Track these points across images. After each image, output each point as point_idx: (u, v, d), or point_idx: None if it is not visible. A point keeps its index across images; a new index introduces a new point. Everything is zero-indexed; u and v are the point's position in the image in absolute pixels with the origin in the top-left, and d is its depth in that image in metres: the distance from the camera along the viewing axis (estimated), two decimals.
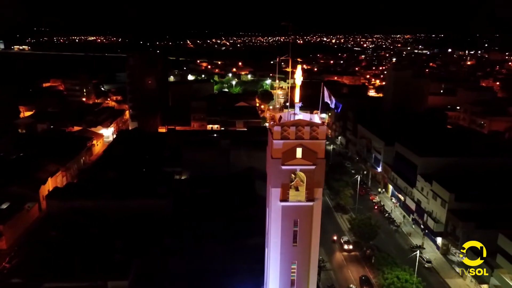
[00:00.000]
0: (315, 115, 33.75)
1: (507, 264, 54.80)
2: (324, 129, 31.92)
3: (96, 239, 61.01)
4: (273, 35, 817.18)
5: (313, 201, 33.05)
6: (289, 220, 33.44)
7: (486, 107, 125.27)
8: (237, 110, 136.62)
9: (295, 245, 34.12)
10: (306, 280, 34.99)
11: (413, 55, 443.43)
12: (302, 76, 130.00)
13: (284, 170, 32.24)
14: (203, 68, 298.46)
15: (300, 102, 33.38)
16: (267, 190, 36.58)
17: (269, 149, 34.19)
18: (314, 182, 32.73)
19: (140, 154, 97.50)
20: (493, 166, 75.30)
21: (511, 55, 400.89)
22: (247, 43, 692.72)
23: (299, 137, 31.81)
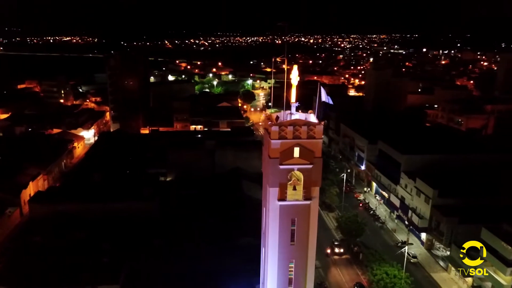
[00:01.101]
0: (310, 114, 34.13)
1: (490, 257, 56.47)
2: (320, 128, 32.32)
3: (83, 243, 59.91)
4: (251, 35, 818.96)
5: (310, 200, 33.42)
6: (287, 219, 33.70)
7: (463, 105, 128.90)
8: (220, 111, 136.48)
9: (293, 244, 34.42)
10: (304, 278, 35.34)
11: (390, 55, 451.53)
12: (283, 76, 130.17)
13: (282, 169, 32.47)
14: (182, 68, 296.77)
15: (296, 102, 33.62)
16: (263, 190, 36.72)
17: (266, 149, 34.34)
18: (311, 181, 33.09)
19: (123, 156, 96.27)
20: (473, 162, 77.42)
21: (483, 55, 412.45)
22: (226, 43, 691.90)
23: (296, 136, 32.09)
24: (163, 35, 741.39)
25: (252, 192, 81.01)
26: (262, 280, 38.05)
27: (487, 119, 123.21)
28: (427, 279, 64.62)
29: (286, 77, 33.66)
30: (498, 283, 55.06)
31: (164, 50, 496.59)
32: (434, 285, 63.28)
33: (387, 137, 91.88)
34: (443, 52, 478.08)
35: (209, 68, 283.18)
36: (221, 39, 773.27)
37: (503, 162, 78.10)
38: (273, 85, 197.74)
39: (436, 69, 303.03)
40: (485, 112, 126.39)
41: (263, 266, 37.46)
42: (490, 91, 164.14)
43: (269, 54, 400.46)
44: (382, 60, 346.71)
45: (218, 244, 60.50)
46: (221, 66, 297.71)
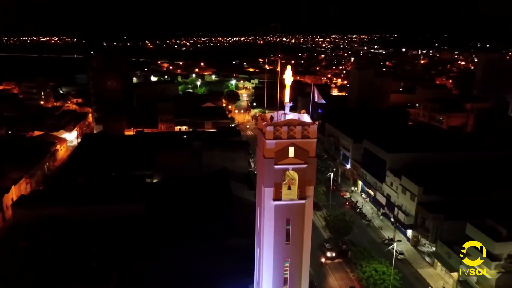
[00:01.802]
0: (303, 114, 34.36)
1: (475, 251, 57.80)
2: (314, 128, 32.60)
3: (70, 247, 58.93)
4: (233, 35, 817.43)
5: (305, 199, 33.68)
6: (282, 219, 33.88)
7: (444, 104, 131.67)
8: (205, 111, 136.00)
9: (288, 243, 34.61)
10: (299, 277, 35.59)
11: (370, 54, 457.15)
12: (267, 77, 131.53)
13: (277, 169, 32.63)
14: (164, 69, 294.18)
15: (290, 102, 33.82)
16: (257, 190, 36.82)
17: (260, 149, 34.44)
18: (306, 180, 33.36)
19: (108, 158, 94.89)
20: (457, 160, 79.27)
21: (460, 54, 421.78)
22: (208, 44, 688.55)
23: (291, 136, 32.31)
24: (144, 35, 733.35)
25: (240, 192, 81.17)
26: (257, 280, 38.13)
27: (467, 117, 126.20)
28: (414, 275, 65.80)
29: (279, 77, 33.77)
30: (483, 277, 56.36)
31: (145, 51, 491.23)
32: (421, 281, 64.49)
33: (372, 136, 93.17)
34: (422, 51, 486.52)
35: (191, 69, 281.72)
36: (202, 39, 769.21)
37: (485, 159, 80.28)
38: (258, 85, 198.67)
39: (416, 68, 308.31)
40: (465, 111, 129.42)
41: (257, 266, 37.54)
42: (468, 90, 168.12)
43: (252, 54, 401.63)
44: (363, 60, 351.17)
45: (208, 245, 60.31)
46: (204, 66, 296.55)
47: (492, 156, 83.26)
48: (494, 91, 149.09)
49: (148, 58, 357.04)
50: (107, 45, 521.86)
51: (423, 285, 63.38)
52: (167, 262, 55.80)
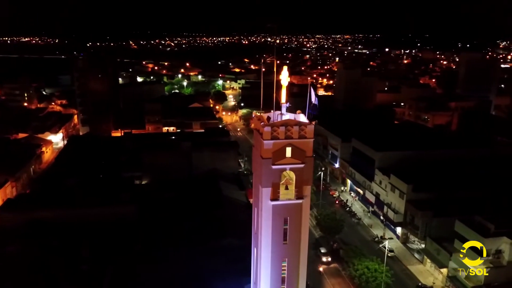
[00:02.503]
0: (299, 114, 34.56)
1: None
2: (312, 128, 32.84)
3: (60, 251, 57.98)
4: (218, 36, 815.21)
5: (302, 199, 33.88)
6: (279, 219, 34.01)
7: (429, 103, 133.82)
8: (193, 112, 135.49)
9: (285, 243, 34.76)
10: (296, 277, 35.79)
11: (354, 54, 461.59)
12: (252, 77, 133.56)
13: (275, 169, 32.75)
14: (150, 69, 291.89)
15: (287, 102, 33.97)
16: (254, 190, 36.91)
17: (257, 149, 34.50)
18: (303, 180, 33.56)
19: (96, 160, 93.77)
20: (444, 157, 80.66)
21: (442, 54, 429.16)
22: (192, 44, 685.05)
23: (288, 136, 32.47)
24: (128, 36, 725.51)
25: (230, 193, 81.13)
26: (254, 280, 38.18)
27: (451, 115, 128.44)
28: (405, 272, 66.73)
29: (275, 78, 33.90)
30: (472, 272, 57.47)
31: (130, 51, 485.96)
32: (411, 277, 65.42)
33: (360, 135, 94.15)
34: (405, 51, 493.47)
35: (177, 69, 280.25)
36: (187, 39, 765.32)
37: (471, 157, 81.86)
38: (245, 85, 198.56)
39: (399, 68, 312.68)
40: (449, 109, 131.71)
41: (254, 266, 37.61)
42: (452, 89, 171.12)
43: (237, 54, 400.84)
44: (348, 60, 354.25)
45: (201, 246, 60.07)
46: (189, 66, 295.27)
47: (477, 153, 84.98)
48: (476, 90, 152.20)
49: (133, 59, 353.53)
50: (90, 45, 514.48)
51: (414, 281, 64.31)
52: (160, 264, 55.39)
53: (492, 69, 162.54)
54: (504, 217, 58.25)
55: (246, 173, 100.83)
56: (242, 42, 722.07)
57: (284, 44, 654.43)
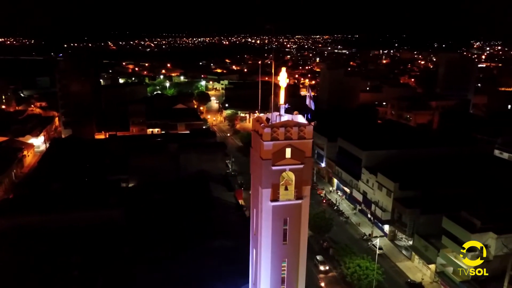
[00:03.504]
0: (297, 115, 34.82)
1: (451, 243, 60.45)
2: (310, 129, 33.16)
3: (49, 257, 56.80)
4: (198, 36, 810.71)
5: (302, 199, 34.16)
6: (279, 219, 34.19)
7: (410, 102, 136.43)
8: (177, 113, 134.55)
9: (285, 243, 34.97)
10: (296, 277, 36.04)
11: (334, 55, 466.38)
12: (235, 77, 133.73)
13: (275, 170, 32.92)
14: (130, 70, 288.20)
15: (286, 103, 34.19)
16: (253, 192, 36.98)
17: (256, 151, 34.59)
18: (302, 180, 33.85)
19: (80, 163, 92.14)
20: (428, 155, 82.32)
21: (419, 54, 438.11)
22: (173, 44, 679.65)
23: (288, 137, 32.71)
24: (106, 36, 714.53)
25: (219, 194, 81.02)
26: (253, 281, 38.24)
27: (432, 114, 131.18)
28: (394, 269, 67.85)
29: (273, 79, 34.08)
30: (459, 267, 58.94)
31: (109, 52, 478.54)
32: (401, 274, 66.58)
33: (345, 134, 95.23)
34: (383, 51, 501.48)
35: (158, 70, 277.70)
36: (167, 40, 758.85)
37: (454, 155, 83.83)
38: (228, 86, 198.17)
39: (379, 68, 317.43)
40: (430, 108, 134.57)
41: (254, 267, 37.68)
42: (431, 88, 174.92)
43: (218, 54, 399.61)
44: (329, 60, 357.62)
45: (193, 248, 59.85)
46: (170, 67, 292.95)
47: (459, 151, 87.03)
48: (455, 90, 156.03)
49: (112, 60, 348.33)
50: (67, 46, 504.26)
51: (403, 278, 65.48)
52: (152, 267, 54.87)
53: (470, 69, 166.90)
54: (489, 213, 59.77)
55: (234, 174, 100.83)
56: (223, 42, 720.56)
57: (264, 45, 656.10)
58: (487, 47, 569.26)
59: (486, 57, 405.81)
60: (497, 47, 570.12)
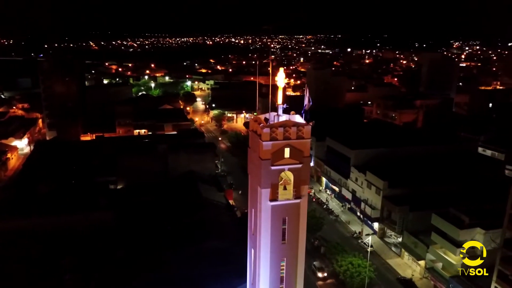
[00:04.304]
0: (295, 115, 35.08)
1: (440, 239, 61.68)
2: (309, 128, 33.49)
3: (39, 261, 55.84)
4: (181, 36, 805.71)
5: (300, 198, 34.42)
6: (278, 219, 34.40)
7: (396, 101, 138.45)
8: (163, 113, 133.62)
9: (284, 242, 35.19)
10: (295, 276, 36.29)
11: (318, 54, 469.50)
12: (220, 77, 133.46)
13: (274, 170, 33.11)
14: (113, 71, 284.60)
15: (284, 104, 34.40)
16: (250, 192, 37.06)
17: (254, 151, 34.70)
18: (301, 180, 34.11)
19: (66, 166, 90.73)
20: (415, 153, 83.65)
21: (401, 54, 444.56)
22: (156, 44, 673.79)
23: (286, 137, 32.95)
24: (87, 36, 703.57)
25: (209, 195, 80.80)
26: (251, 281, 38.32)
27: (417, 113, 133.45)
28: (384, 266, 68.83)
29: (271, 79, 34.27)
30: (449, 262, 60.20)
31: (90, 52, 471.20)
32: (391, 271, 67.61)
33: (333, 134, 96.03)
34: (366, 51, 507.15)
35: (142, 70, 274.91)
36: (150, 40, 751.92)
37: (440, 153, 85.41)
38: (214, 86, 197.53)
39: (362, 67, 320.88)
40: (415, 107, 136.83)
41: (252, 267, 37.76)
42: (415, 88, 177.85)
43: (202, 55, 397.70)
44: (313, 60, 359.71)
45: (186, 249, 59.57)
46: (154, 67, 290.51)
47: (445, 149, 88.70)
48: (438, 89, 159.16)
49: (94, 60, 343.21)
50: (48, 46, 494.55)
51: (393, 274, 66.49)
52: (146, 269, 54.41)
53: (451, 69, 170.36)
54: (476, 209, 61.18)
55: (223, 174, 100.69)
56: (206, 42, 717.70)
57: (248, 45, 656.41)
58: (466, 47, 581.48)
59: (466, 57, 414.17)
60: (475, 47, 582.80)
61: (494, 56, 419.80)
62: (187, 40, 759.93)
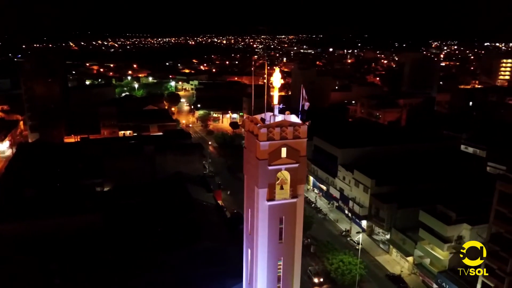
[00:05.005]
0: (290, 115, 35.30)
1: (427, 235, 62.96)
2: (305, 128, 33.76)
3: (27, 266, 54.60)
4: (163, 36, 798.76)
5: (297, 198, 34.66)
6: (275, 218, 34.56)
7: (380, 101, 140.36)
8: (148, 114, 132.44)
9: (281, 242, 35.38)
10: (291, 274, 36.51)
11: (301, 54, 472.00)
12: (204, 77, 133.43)
13: (271, 170, 33.25)
14: (95, 71, 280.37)
15: (280, 104, 34.57)
16: (247, 192, 37.12)
17: (251, 151, 34.77)
18: (297, 179, 34.35)
19: (51, 168, 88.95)
20: (401, 152, 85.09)
21: (382, 54, 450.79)
22: (137, 45, 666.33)
23: (283, 137, 33.14)
24: (66, 36, 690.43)
25: (198, 196, 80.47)
26: (248, 281, 38.39)
27: (401, 112, 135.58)
28: (373, 263, 69.86)
29: (267, 79, 34.38)
30: (437, 258, 61.50)
31: (70, 53, 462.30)
32: (380, 267, 68.72)
33: (319, 133, 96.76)
34: (348, 51, 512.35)
35: (124, 71, 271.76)
36: (131, 40, 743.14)
37: (424, 151, 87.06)
38: (198, 86, 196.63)
39: (345, 67, 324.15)
40: (398, 106, 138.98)
41: (249, 267, 37.85)
42: (397, 87, 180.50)
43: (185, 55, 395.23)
44: (296, 60, 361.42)
45: (177, 251, 59.20)
46: (137, 68, 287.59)
47: (429, 147, 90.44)
48: (420, 88, 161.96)
49: (75, 61, 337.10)
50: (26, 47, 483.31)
51: (382, 271, 67.57)
52: (138, 272, 53.88)
53: (433, 68, 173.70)
54: (462, 205, 62.61)
55: (211, 175, 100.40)
56: (189, 43, 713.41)
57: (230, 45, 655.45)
58: (444, 47, 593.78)
59: (445, 56, 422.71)
60: (453, 47, 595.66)
61: (471, 56, 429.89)
62: (169, 40, 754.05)
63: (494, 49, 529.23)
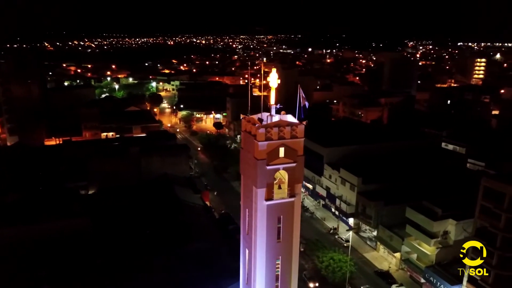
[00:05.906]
0: (287, 115, 35.54)
1: (414, 231, 64.34)
2: (302, 128, 34.09)
3: (14, 274, 53.20)
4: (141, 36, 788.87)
5: (294, 197, 34.95)
6: (273, 218, 34.76)
7: (361, 100, 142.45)
8: (131, 115, 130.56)
9: (279, 241, 35.60)
10: (289, 273, 36.80)
11: (280, 54, 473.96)
12: (185, 78, 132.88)
13: (269, 170, 33.42)
14: (72, 72, 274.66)
15: (277, 104, 34.79)
16: (244, 192, 37.18)
17: (248, 151, 34.85)
18: (295, 179, 34.64)
19: (32, 172, 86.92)
20: (385, 150, 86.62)
21: (360, 53, 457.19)
22: (115, 45, 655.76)
23: (281, 137, 33.38)
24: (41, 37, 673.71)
25: (186, 197, 79.93)
26: (246, 280, 38.46)
27: (382, 111, 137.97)
28: (361, 259, 70.90)
29: (262, 80, 34.55)
30: (423, 253, 62.89)
31: (46, 53, 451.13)
32: (368, 264, 69.82)
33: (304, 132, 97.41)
34: (326, 51, 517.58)
35: (102, 71, 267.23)
36: (108, 40, 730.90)
37: (407, 148, 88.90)
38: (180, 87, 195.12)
39: (324, 67, 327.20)
40: (380, 105, 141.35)
41: (247, 267, 37.91)
42: (377, 86, 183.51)
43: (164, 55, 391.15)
44: (277, 60, 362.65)
45: (168, 253, 58.73)
46: (116, 68, 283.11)
47: (412, 144, 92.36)
48: (399, 86, 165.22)
49: (51, 61, 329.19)
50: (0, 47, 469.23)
51: (371, 267, 68.67)
52: (129, 276, 53.19)
53: (411, 67, 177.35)
54: (447, 201, 64.19)
55: (198, 176, 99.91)
56: (167, 43, 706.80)
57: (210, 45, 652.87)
58: (420, 46, 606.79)
59: (421, 56, 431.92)
60: (428, 47, 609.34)
61: (446, 55, 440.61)
62: (147, 41, 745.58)
63: (467, 48, 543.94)
